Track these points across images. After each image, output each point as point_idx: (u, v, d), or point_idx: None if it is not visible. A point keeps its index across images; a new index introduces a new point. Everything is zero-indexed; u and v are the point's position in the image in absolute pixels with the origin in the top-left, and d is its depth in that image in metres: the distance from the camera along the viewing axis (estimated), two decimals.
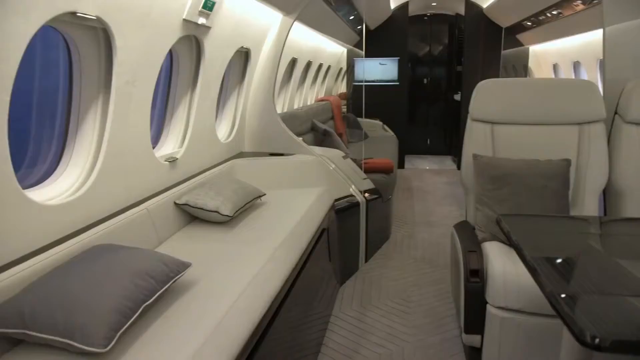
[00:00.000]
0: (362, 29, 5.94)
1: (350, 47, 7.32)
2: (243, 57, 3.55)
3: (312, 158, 3.55)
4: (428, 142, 8.79)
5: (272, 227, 2.57)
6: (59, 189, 1.95)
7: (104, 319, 1.39)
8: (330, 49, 6.56)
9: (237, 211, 2.60)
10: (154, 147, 2.60)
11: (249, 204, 2.78)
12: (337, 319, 2.95)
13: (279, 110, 4.68)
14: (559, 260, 1.75)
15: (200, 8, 2.40)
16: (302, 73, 5.50)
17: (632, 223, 2.40)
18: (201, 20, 2.49)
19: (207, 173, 3.03)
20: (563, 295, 1.33)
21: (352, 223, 3.57)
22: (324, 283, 2.90)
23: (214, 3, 2.51)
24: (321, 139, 5.01)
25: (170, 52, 2.66)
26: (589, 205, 2.66)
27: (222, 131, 3.54)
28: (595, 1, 4.02)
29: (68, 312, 1.39)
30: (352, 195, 3.57)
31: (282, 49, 3.71)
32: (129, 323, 1.45)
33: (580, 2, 4.37)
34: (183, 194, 2.60)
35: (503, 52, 7.34)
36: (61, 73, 2.00)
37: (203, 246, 2.31)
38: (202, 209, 2.52)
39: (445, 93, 8.71)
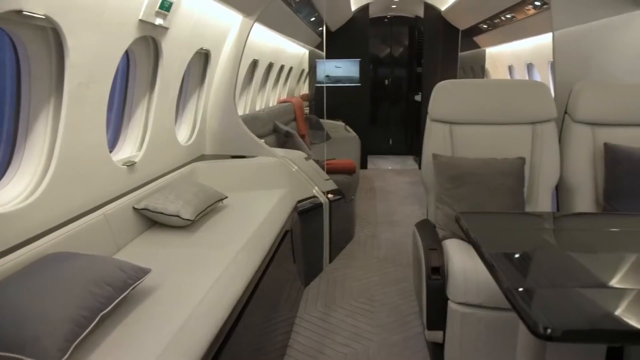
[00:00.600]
0: (323, 30, 5.97)
1: (312, 48, 7.35)
2: (203, 58, 3.50)
3: (274, 160, 3.54)
4: (390, 142, 8.92)
5: (234, 230, 2.54)
6: (8, 196, 1.87)
7: (57, 330, 1.33)
8: (292, 50, 6.55)
9: (198, 215, 2.56)
10: (111, 151, 2.53)
11: (211, 207, 2.74)
12: (302, 321, 2.95)
13: (240, 112, 4.64)
14: (515, 256, 1.81)
15: (157, 8, 2.35)
16: (263, 74, 5.47)
17: (582, 218, 2.52)
18: (158, 21, 2.44)
19: (167, 177, 2.97)
20: (518, 290, 1.37)
21: (315, 224, 3.58)
22: (288, 285, 2.89)
23: (171, 3, 2.46)
24: (283, 140, 5.00)
25: (127, 53, 2.59)
26: (542, 201, 2.76)
27: (183, 134, 3.48)
28: (545, 6, 4.19)
29: (18, 324, 1.33)
30: (315, 197, 3.58)
31: (243, 51, 3.68)
32: (85, 333, 1.40)
33: (531, 7, 4.54)
34: (142, 199, 2.53)
35: (460, 53, 7.54)
36: (8, 74, 1.91)
37: (163, 251, 2.26)
38: (162, 213, 2.47)
39: (406, 94, 8.86)
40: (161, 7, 2.37)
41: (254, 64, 4.98)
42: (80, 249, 1.87)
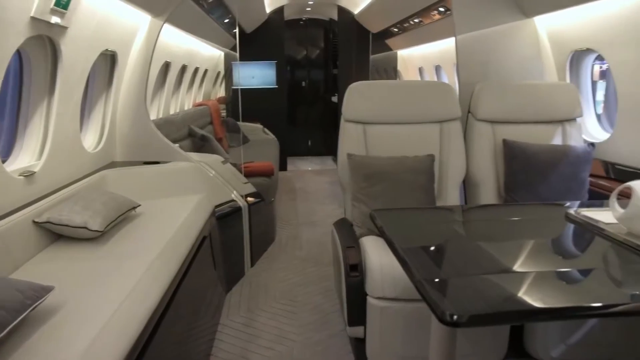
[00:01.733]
0: (236, 32, 5.90)
1: (228, 50, 7.24)
2: (109, 60, 3.32)
3: (189, 165, 3.43)
4: (309, 143, 9.01)
5: (148, 239, 2.43)
6: None
7: None
8: (206, 52, 6.41)
9: (108, 225, 2.42)
10: (4, 161, 2.32)
11: (122, 217, 2.61)
12: (225, 327, 2.90)
13: (153, 117, 4.46)
14: (427, 249, 1.90)
15: (52, 5, 2.19)
16: (177, 77, 5.29)
17: (487, 209, 2.70)
18: (55, 19, 2.27)
19: (73, 186, 2.77)
20: (427, 281, 1.45)
21: (235, 228, 3.53)
22: (209, 292, 2.83)
23: (68, 0, 2.30)
24: (200, 144, 4.87)
25: (20, 54, 2.39)
26: (451, 196, 2.92)
27: (90, 140, 3.28)
28: (448, 12, 4.45)
29: None
30: (233, 201, 3.53)
31: (153, 52, 3.54)
32: None
33: (436, 12, 4.80)
34: (44, 211, 2.35)
35: (374, 55, 7.80)
36: None
37: (70, 266, 2.11)
38: (67, 225, 2.30)
39: (324, 95, 9.00)
40: (57, 4, 2.21)
41: (166, 66, 4.81)
42: None
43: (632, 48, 2.71)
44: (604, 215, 1.91)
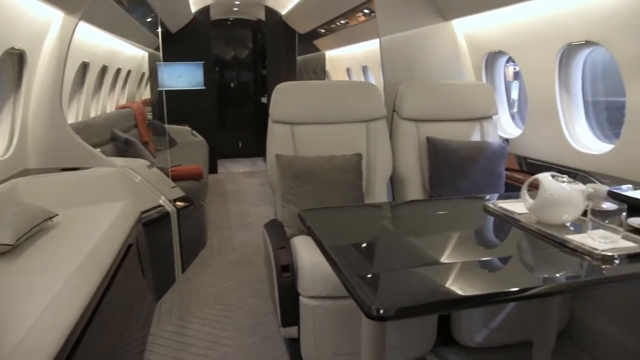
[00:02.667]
0: (159, 32, 5.70)
1: (153, 50, 6.97)
2: (17, 59, 3.09)
3: (112, 170, 3.27)
4: (240, 145, 8.90)
5: (67, 250, 2.29)
6: None
7: None
8: (129, 52, 6.14)
9: (20, 238, 2.25)
10: None
11: (37, 228, 2.43)
12: (155, 338, 2.79)
13: (72, 120, 4.22)
14: (356, 246, 1.93)
15: None
16: (97, 78, 5.02)
17: (413, 204, 2.80)
18: None
19: None
20: (355, 278, 1.47)
21: (163, 234, 3.41)
22: (137, 302, 2.71)
23: None
24: (123, 149, 4.66)
25: None
26: (379, 193, 3.00)
27: None
28: (372, 14, 4.57)
29: None
30: (161, 206, 3.40)
31: (67, 52, 3.33)
32: None
33: (361, 14, 4.92)
34: None
35: (304, 56, 7.85)
36: None
37: None
38: None
39: (253, 96, 8.93)
40: None
41: (85, 66, 4.55)
42: None
43: (536, 51, 2.92)
44: (518, 207, 2.04)
